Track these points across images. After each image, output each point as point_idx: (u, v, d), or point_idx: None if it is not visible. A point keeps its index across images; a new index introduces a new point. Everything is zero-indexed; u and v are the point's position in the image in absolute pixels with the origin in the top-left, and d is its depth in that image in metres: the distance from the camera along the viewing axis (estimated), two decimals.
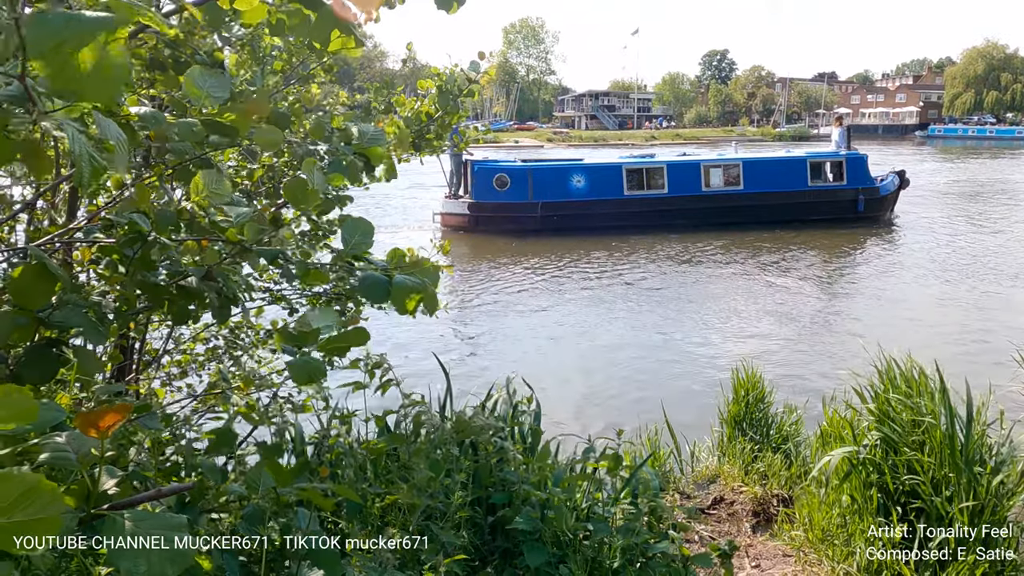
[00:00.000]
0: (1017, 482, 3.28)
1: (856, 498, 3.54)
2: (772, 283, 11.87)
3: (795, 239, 15.33)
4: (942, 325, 9.19)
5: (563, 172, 16.52)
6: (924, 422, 3.27)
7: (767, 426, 4.94)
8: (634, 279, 12.14)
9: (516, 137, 70.22)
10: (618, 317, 9.90)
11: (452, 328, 9.13)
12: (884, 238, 15.93)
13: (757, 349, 8.19)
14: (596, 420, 6.31)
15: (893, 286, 11.51)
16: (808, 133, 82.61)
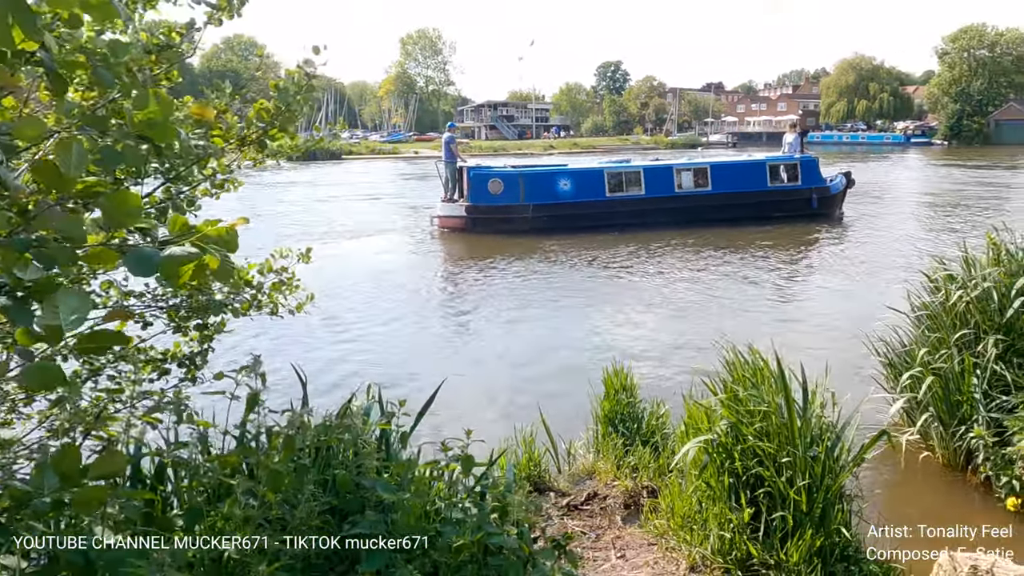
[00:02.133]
0: (849, 459, 3.52)
1: (711, 484, 3.72)
2: (709, 277, 12.53)
3: (755, 234, 16.78)
4: (844, 313, 9.74)
5: (551, 176, 17.93)
6: (761, 410, 3.47)
7: (637, 421, 5.11)
8: (572, 278, 12.58)
9: (415, 148, 69.91)
10: (543, 314, 10.26)
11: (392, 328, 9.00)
12: (833, 232, 17.62)
13: (650, 343, 8.48)
14: (491, 421, 6.34)
15: (823, 277, 12.36)
16: (698, 141, 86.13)
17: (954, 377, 4.95)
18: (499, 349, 8.72)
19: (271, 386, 2.93)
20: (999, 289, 4.91)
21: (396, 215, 22.77)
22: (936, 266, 5.54)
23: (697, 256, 14.64)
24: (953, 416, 4.99)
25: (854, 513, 3.72)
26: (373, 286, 12.02)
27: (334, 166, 52.73)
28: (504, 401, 7.00)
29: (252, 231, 18.17)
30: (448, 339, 9.23)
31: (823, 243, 16.32)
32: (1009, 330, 4.82)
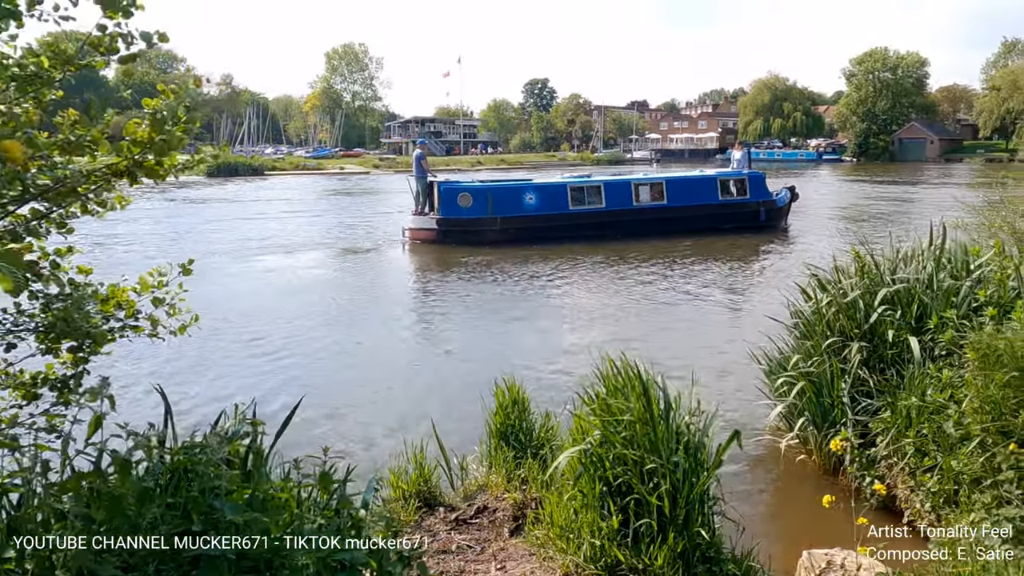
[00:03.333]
0: (708, 464, 3.66)
1: (585, 493, 3.81)
2: (650, 288, 12.90)
3: (704, 244, 17.88)
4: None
5: (517, 191, 18.86)
6: (625, 419, 3.59)
7: (528, 433, 5.18)
8: (509, 291, 12.62)
9: (341, 164, 69.12)
10: (465, 324, 10.39)
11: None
12: (777, 243, 18.67)
13: (566, 353, 8.61)
14: (393, 434, 6.31)
15: (751, 286, 12.92)
16: (623, 157, 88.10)
17: (825, 383, 5.21)
18: (427, 361, 8.74)
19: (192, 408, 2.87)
20: (864, 298, 5.20)
21: (327, 231, 22.63)
22: (810, 276, 5.83)
23: (645, 266, 15.24)
24: (825, 420, 5.25)
25: (720, 515, 3.87)
26: (295, 303, 11.83)
27: (258, 182, 51.64)
28: (415, 415, 6.97)
29: (178, 250, 17.77)
30: (373, 350, 9.17)
31: (763, 253, 17.22)
32: (872, 337, 5.11)
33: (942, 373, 4.38)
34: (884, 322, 5.00)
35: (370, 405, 7.32)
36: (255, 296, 12.62)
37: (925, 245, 5.74)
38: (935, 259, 5.36)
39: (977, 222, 9.33)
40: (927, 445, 4.29)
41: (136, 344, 3.85)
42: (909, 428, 4.46)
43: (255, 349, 9.21)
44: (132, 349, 8.57)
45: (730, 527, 3.94)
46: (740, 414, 6.66)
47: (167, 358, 8.55)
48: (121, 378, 7.82)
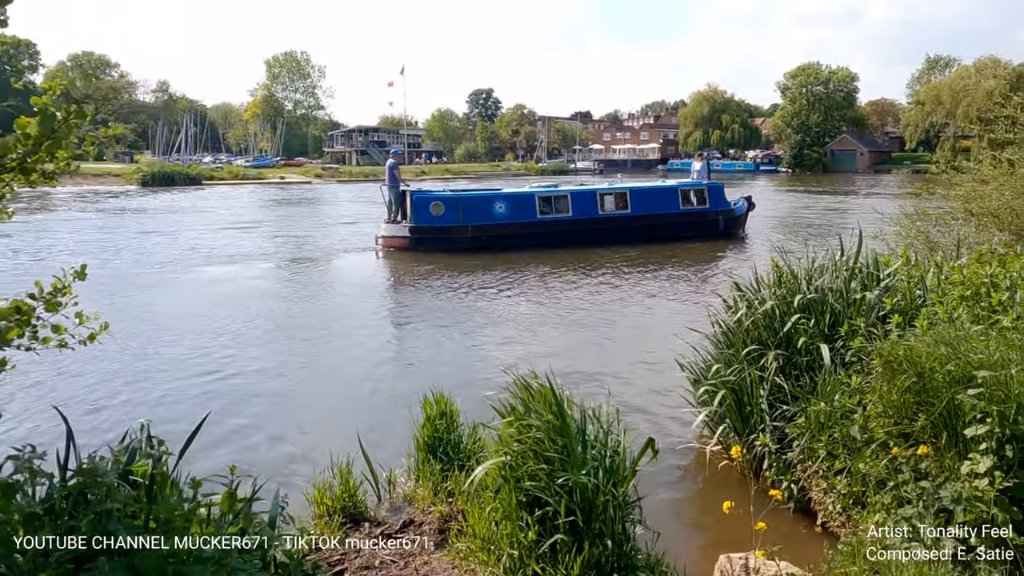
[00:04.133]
0: (625, 474, 3.72)
1: (505, 506, 3.83)
2: (595, 297, 13.13)
3: (666, 251, 18.57)
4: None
5: (487, 199, 19.47)
6: (540, 434, 3.62)
7: (457, 445, 5.18)
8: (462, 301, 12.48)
9: (283, 173, 68.01)
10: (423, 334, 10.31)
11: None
12: (734, 249, 19.39)
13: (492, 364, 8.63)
14: (324, 449, 6.22)
15: (698, 294, 13.02)
16: (567, 167, 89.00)
17: (745, 390, 5.35)
18: (366, 372, 8.66)
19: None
20: (780, 307, 5.37)
21: (268, 243, 22.24)
22: (732, 286, 5.99)
23: (601, 274, 15.63)
24: (746, 426, 5.40)
25: (638, 523, 3.94)
26: (238, 314, 11.57)
27: (195, 192, 50.44)
28: (346, 428, 6.88)
29: (120, 262, 17.10)
30: (309, 363, 9.01)
31: (718, 260, 17.80)
32: (788, 345, 5.28)
33: (851, 379, 4.55)
34: (798, 330, 5.16)
35: (301, 420, 7.21)
36: (194, 308, 12.32)
37: (840, 255, 5.95)
38: (848, 269, 5.57)
39: (895, 232, 9.73)
40: (837, 449, 4.44)
41: (64, 361, 3.72)
42: (821, 432, 4.62)
43: (193, 366, 8.97)
44: (60, 367, 8.33)
45: (651, 533, 4.01)
46: (669, 422, 6.80)
47: (100, 377, 8.30)
48: (46, 397, 7.57)
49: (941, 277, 5.36)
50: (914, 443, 3.85)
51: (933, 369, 3.78)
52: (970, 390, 3.48)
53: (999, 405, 3.43)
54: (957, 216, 9.31)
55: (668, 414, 6.97)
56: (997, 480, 3.32)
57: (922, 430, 3.82)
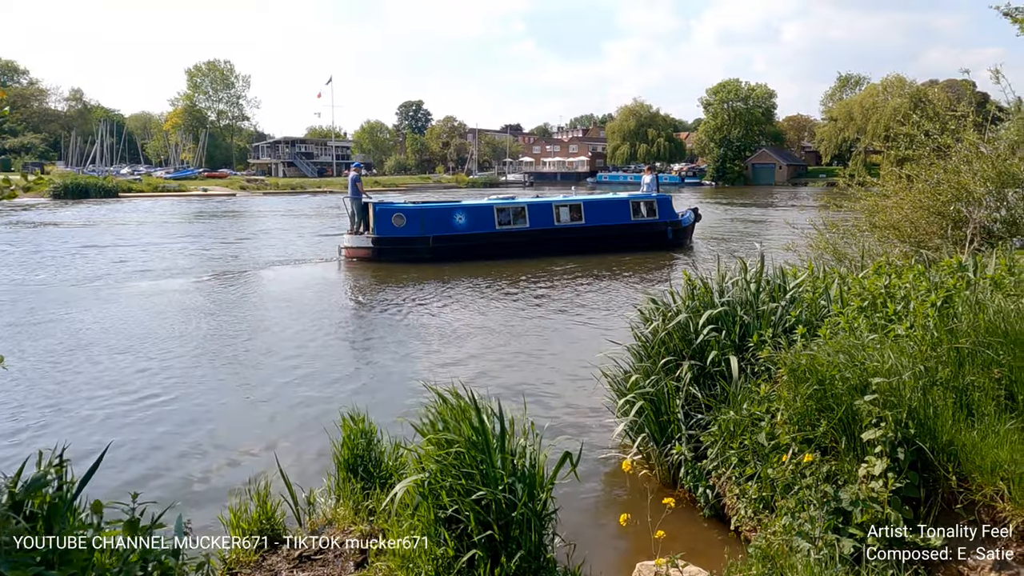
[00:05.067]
0: (540, 488, 3.77)
1: (423, 522, 3.82)
2: (535, 309, 13.16)
3: (615, 261, 19.16)
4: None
5: (448, 211, 20.20)
6: (458, 449, 3.64)
7: (378, 463, 5.14)
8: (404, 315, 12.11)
9: (205, 185, 66.11)
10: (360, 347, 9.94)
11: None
12: (681, 258, 20.02)
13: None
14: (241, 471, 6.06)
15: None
16: (497, 180, 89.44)
17: (662, 400, 5.49)
18: (291, 388, 8.43)
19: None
20: (694, 319, 5.54)
21: (194, 256, 21.61)
22: (648, 298, 6.14)
23: (555, 285, 16.06)
24: (663, 435, 5.53)
25: (556, 535, 3.99)
26: (163, 331, 11.14)
27: (112, 205, 48.51)
28: (266, 449, 6.74)
29: (42, 278, 16.25)
30: (231, 380, 8.75)
31: (664, 269, 18.48)
32: (702, 355, 5.44)
33: (760, 388, 4.72)
34: (710, 342, 5.34)
35: (219, 441, 7.01)
36: (117, 325, 11.83)
37: (751, 269, 6.17)
38: (757, 281, 5.78)
39: (807, 244, 10.16)
40: (748, 455, 4.60)
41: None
42: (733, 440, 4.78)
43: (112, 387, 8.62)
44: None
45: (569, 544, 4.07)
46: (594, 432, 6.91)
47: (9, 401, 7.88)
48: None
49: (843, 288, 5.62)
50: (817, 448, 4.03)
51: (833, 377, 3.97)
52: (866, 396, 3.67)
53: (892, 410, 3.63)
54: (863, 229, 9.80)
55: (594, 424, 7.09)
56: (890, 481, 3.50)
57: (824, 435, 4.00)
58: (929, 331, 4.39)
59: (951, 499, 3.49)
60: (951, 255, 6.84)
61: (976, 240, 7.42)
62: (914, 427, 3.60)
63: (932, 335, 4.38)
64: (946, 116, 8.79)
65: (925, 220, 8.52)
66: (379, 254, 19.36)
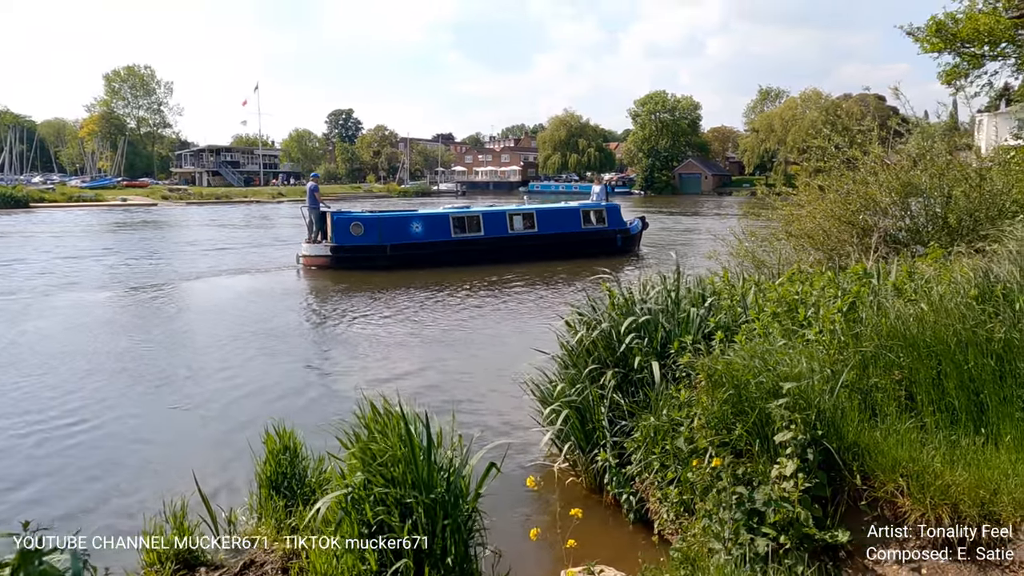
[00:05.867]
0: (466, 499, 3.77)
1: (346, 537, 3.76)
2: (475, 321, 13.29)
3: (568, 267, 19.58)
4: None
5: (405, 220, 20.75)
6: (387, 460, 3.61)
7: (302, 479, 5.04)
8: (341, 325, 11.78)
9: (124, 195, 63.65)
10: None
11: None
12: (630, 265, 20.62)
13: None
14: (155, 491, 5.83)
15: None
16: (429, 189, 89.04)
17: (587, 408, 5.57)
18: (219, 401, 8.16)
19: None
20: (617, 327, 5.64)
21: (116, 269, 20.80)
22: (572, 308, 6.23)
23: (503, 292, 16.27)
24: (589, 443, 5.60)
25: (483, 544, 3.99)
26: (75, 346, 10.62)
27: (22, 215, 46.22)
28: (188, 468, 6.51)
29: None
30: (149, 396, 8.42)
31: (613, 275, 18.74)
32: (625, 363, 5.54)
33: (680, 394, 4.84)
34: (633, 349, 5.44)
35: (134, 460, 6.75)
36: (34, 341, 11.24)
37: (670, 276, 6.32)
38: (677, 289, 5.93)
39: (727, 251, 10.47)
40: (669, 460, 4.71)
41: None
42: (655, 445, 4.88)
43: (24, 405, 8.18)
44: None
45: (495, 554, 4.08)
46: (523, 441, 6.94)
47: None
48: None
49: (759, 295, 5.82)
50: (733, 451, 4.15)
51: (747, 382, 4.10)
52: (777, 400, 3.81)
53: (801, 413, 3.77)
54: (780, 237, 10.16)
55: (524, 433, 7.12)
56: (800, 481, 3.64)
57: (739, 438, 4.12)
58: (836, 336, 4.60)
59: (856, 497, 3.65)
60: (860, 262, 7.16)
61: (881, 248, 7.79)
62: (822, 428, 3.75)
63: (839, 339, 4.58)
64: (854, 130, 9.23)
65: (837, 229, 8.89)
66: (337, 262, 19.66)
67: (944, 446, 3.67)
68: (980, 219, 8.03)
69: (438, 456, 3.87)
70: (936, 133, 9.76)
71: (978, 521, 3.23)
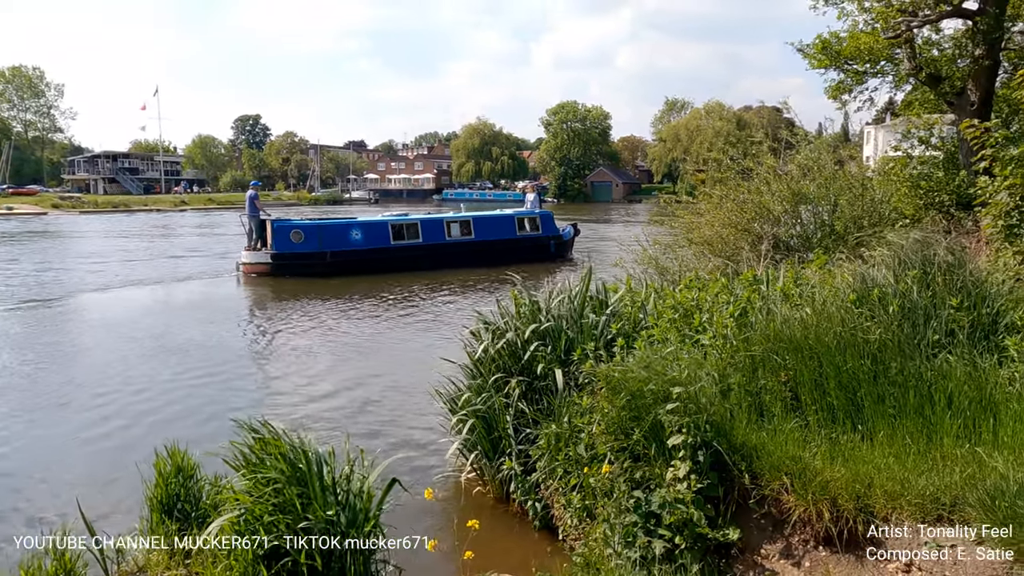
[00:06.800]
0: (366, 517, 3.71)
1: (239, 561, 3.64)
2: (405, 330, 13.20)
3: (502, 273, 19.20)
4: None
5: (344, 227, 21.13)
6: (279, 484, 3.51)
7: (196, 501, 4.84)
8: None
9: (10, 203, 59.73)
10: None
11: None
12: (563, 269, 20.33)
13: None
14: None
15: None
16: (340, 197, 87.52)
17: (493, 417, 5.58)
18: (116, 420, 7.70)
19: None
20: (521, 336, 5.69)
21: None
22: (478, 317, 6.24)
23: (434, 299, 16.48)
24: (496, 451, 5.62)
25: (385, 561, 3.94)
26: None
27: None
28: (72, 495, 6.14)
29: None
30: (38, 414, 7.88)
31: (544, 281, 18.82)
32: (530, 370, 5.59)
33: (582, 400, 4.92)
34: (537, 357, 5.50)
35: (13, 485, 6.33)
36: None
37: (576, 284, 6.42)
38: (581, 297, 6.03)
39: (633, 259, 10.73)
40: (571, 466, 4.77)
41: None
42: (559, 453, 4.94)
43: None
44: None
45: (401, 567, 4.03)
46: (431, 452, 6.90)
47: None
48: None
49: (659, 302, 5.99)
50: (631, 455, 4.25)
51: (642, 388, 4.20)
52: (668, 405, 3.92)
53: (693, 416, 3.90)
54: (682, 244, 10.50)
55: (431, 444, 7.07)
56: (693, 482, 3.76)
57: (637, 443, 4.22)
58: (728, 340, 4.78)
59: (745, 496, 3.80)
60: (752, 268, 7.47)
61: (770, 255, 8.16)
62: (712, 431, 3.89)
63: (731, 343, 4.76)
64: (748, 143, 9.65)
65: (734, 236, 9.26)
66: (277, 269, 19.86)
67: (825, 444, 3.86)
68: (864, 226, 8.52)
69: (336, 475, 3.79)
70: (823, 145, 10.33)
71: (854, 514, 3.41)
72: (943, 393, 3.96)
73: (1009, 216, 6.02)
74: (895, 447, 3.72)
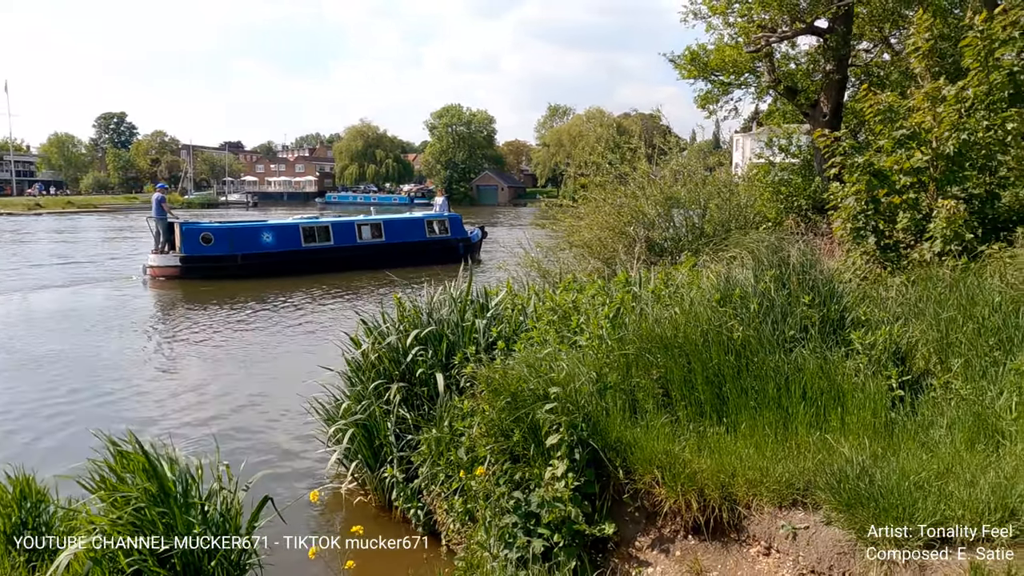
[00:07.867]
0: (237, 535, 3.56)
1: None
2: (296, 338, 12.82)
3: (414, 274, 18.96)
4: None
5: (256, 230, 21.25)
6: (132, 502, 3.31)
7: (48, 528, 4.48)
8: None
9: None
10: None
11: None
12: (467, 269, 20.15)
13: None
14: None
15: None
16: (216, 200, 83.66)
17: (374, 425, 5.49)
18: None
19: None
20: (402, 340, 5.63)
21: None
22: (359, 323, 6.13)
23: (335, 303, 16.39)
24: (377, 460, 5.53)
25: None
26: None
27: None
28: None
29: None
30: None
31: (452, 280, 18.94)
32: (411, 376, 5.54)
33: (463, 404, 4.92)
34: (418, 361, 5.46)
35: None
36: None
37: (457, 288, 6.43)
38: (462, 300, 6.04)
39: (516, 262, 10.86)
40: (453, 471, 4.77)
41: None
42: (440, 457, 4.92)
43: None
44: None
45: None
46: (310, 463, 6.70)
47: None
48: None
49: (539, 304, 6.08)
50: (511, 456, 4.29)
51: (521, 389, 4.26)
52: (546, 405, 3.99)
53: (569, 415, 3.98)
54: (563, 247, 10.73)
55: (311, 455, 6.87)
56: (570, 480, 3.84)
57: (517, 444, 4.27)
58: (604, 340, 4.91)
59: (620, 491, 3.92)
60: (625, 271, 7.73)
61: (644, 257, 8.48)
62: (588, 429, 3.98)
63: (607, 344, 4.90)
64: (624, 148, 9.99)
65: (611, 239, 9.56)
66: (187, 272, 19.59)
67: (693, 437, 4.04)
68: (731, 229, 9.00)
69: (202, 491, 3.62)
70: (694, 152, 10.85)
71: (720, 503, 3.58)
72: (798, 384, 4.23)
73: (856, 219, 6.51)
74: (756, 437, 3.94)
